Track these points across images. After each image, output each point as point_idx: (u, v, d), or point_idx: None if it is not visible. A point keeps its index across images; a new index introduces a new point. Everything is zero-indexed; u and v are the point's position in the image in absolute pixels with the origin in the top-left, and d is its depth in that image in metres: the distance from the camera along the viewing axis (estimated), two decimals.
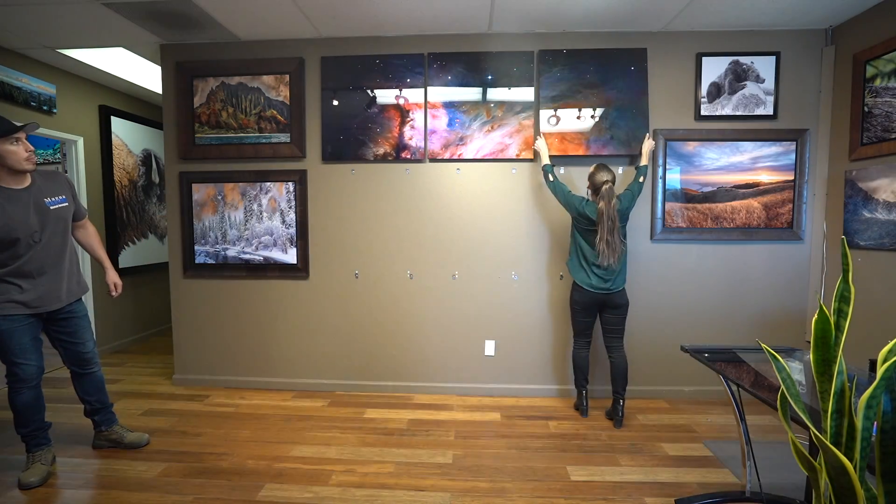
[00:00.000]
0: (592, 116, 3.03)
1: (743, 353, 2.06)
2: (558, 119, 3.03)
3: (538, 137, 2.94)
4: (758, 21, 2.85)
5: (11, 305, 2.06)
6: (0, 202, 1.96)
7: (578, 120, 3.03)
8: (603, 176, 2.61)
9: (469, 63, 3.05)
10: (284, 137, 3.16)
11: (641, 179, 2.72)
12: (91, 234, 2.44)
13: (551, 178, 2.76)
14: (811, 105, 2.99)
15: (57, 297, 2.18)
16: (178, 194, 3.27)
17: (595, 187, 2.64)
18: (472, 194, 3.12)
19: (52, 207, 2.12)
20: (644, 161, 2.79)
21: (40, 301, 2.13)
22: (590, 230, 2.64)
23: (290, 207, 3.20)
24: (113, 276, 2.43)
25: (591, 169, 2.70)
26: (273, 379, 3.32)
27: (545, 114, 3.02)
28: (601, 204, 2.56)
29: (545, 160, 2.82)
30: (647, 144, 2.82)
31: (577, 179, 3.06)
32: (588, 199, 2.71)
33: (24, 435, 2.19)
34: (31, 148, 2.04)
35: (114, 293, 2.43)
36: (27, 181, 2.08)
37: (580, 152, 3.04)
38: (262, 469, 2.27)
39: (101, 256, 2.44)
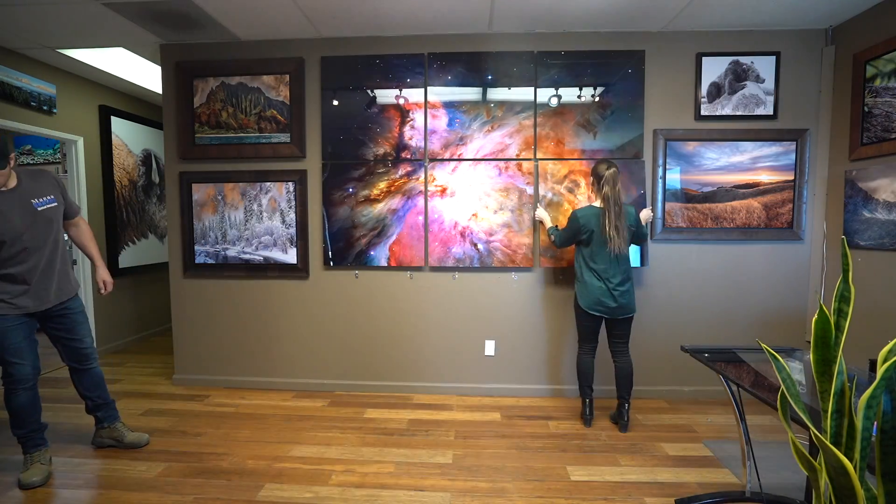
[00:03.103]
0: (589, 119, 3.03)
1: (743, 353, 2.06)
2: (555, 121, 3.04)
3: (538, 206, 2.99)
4: (758, 21, 2.85)
5: (2, 306, 2.06)
6: None
7: (576, 121, 3.04)
8: (606, 165, 2.58)
9: (469, 63, 3.05)
10: (284, 137, 3.16)
11: (644, 232, 2.76)
12: (83, 231, 2.42)
13: (553, 239, 2.74)
14: (811, 105, 2.99)
15: (46, 297, 2.17)
16: (178, 194, 3.27)
17: (598, 175, 2.58)
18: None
19: (39, 209, 2.11)
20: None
21: (30, 302, 2.12)
22: (591, 237, 2.58)
23: (290, 207, 3.20)
24: (103, 274, 2.41)
25: (594, 164, 2.68)
26: (273, 379, 3.32)
27: (543, 117, 3.02)
28: (606, 188, 2.53)
29: (549, 225, 2.82)
30: (645, 213, 2.82)
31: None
32: (578, 210, 2.64)
33: (21, 436, 2.18)
34: (11, 164, 2.02)
35: (102, 291, 2.41)
36: (13, 182, 2.07)
37: (575, 155, 3.05)
38: (262, 469, 2.27)
39: (92, 254, 2.43)
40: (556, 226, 2.82)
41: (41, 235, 2.13)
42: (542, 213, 2.92)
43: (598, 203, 2.60)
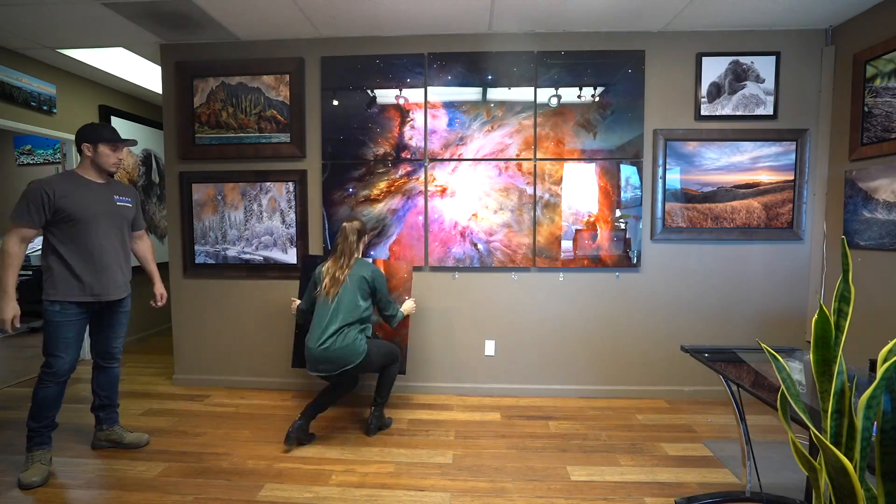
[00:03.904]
0: (589, 119, 3.03)
1: (743, 353, 2.06)
2: (555, 121, 3.04)
3: (407, 299, 2.81)
4: (758, 21, 2.85)
5: (70, 290, 2.17)
6: (77, 187, 2.21)
7: (576, 121, 3.04)
8: (346, 222, 2.56)
9: (469, 63, 3.05)
10: (284, 137, 3.16)
11: (393, 310, 2.59)
12: (147, 246, 2.62)
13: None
14: (811, 105, 2.99)
15: (116, 286, 2.32)
16: (178, 194, 3.27)
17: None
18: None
19: (118, 203, 2.35)
20: (403, 309, 2.68)
21: (101, 289, 2.25)
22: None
23: (290, 207, 3.20)
24: (160, 288, 2.61)
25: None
26: (273, 379, 3.32)
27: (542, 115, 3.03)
28: (339, 238, 2.54)
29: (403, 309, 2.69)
30: (409, 305, 2.73)
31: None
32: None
33: (33, 429, 2.19)
34: (122, 158, 2.37)
35: (158, 303, 2.61)
36: (103, 179, 2.33)
37: (575, 155, 3.05)
38: (262, 469, 2.27)
39: (152, 269, 2.62)
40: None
41: (114, 224, 2.31)
42: (409, 304, 2.76)
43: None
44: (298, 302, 2.71)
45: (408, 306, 2.75)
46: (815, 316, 1.11)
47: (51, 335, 2.17)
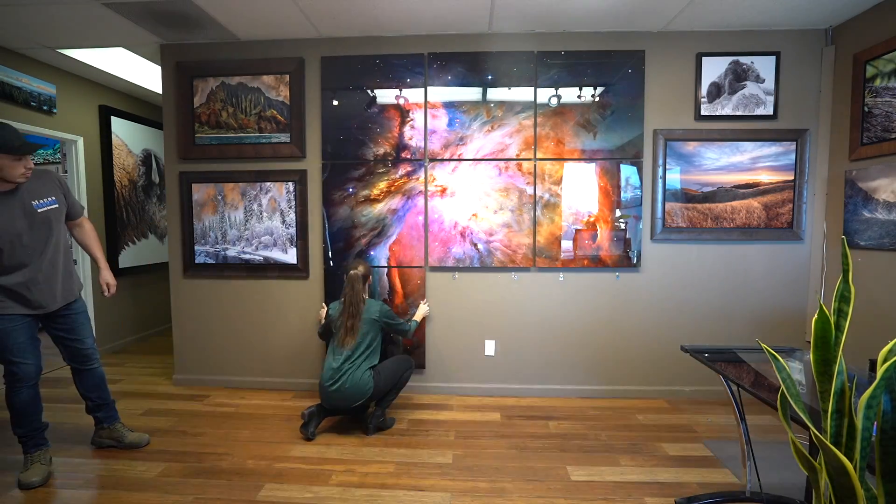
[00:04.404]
0: (589, 119, 3.03)
1: (743, 353, 2.06)
2: (555, 121, 3.04)
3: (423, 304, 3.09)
4: (758, 21, 2.85)
5: (9, 305, 2.07)
6: None
7: (576, 121, 3.04)
8: (351, 266, 2.70)
9: (469, 63, 3.05)
10: (284, 137, 3.16)
11: (405, 328, 2.81)
12: (87, 232, 2.41)
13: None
14: (811, 105, 2.99)
15: (52, 297, 2.18)
16: (178, 194, 3.27)
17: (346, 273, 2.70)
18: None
19: (39, 210, 2.10)
20: (416, 318, 2.95)
21: (37, 302, 2.13)
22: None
23: (290, 207, 3.20)
24: (106, 276, 2.40)
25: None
26: (273, 379, 3.32)
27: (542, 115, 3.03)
28: (346, 289, 2.65)
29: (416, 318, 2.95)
30: (423, 310, 3.03)
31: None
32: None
33: (21, 436, 2.18)
34: (31, 165, 2.04)
35: (106, 293, 2.40)
36: (12, 186, 2.04)
37: (575, 155, 3.05)
38: (262, 469, 2.27)
39: (96, 256, 2.42)
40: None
41: (41, 237, 2.12)
42: (423, 309, 3.05)
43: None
44: (326, 310, 2.91)
45: (421, 312, 3.02)
46: (815, 316, 1.11)
47: (2, 343, 2.06)
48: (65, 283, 2.24)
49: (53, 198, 2.17)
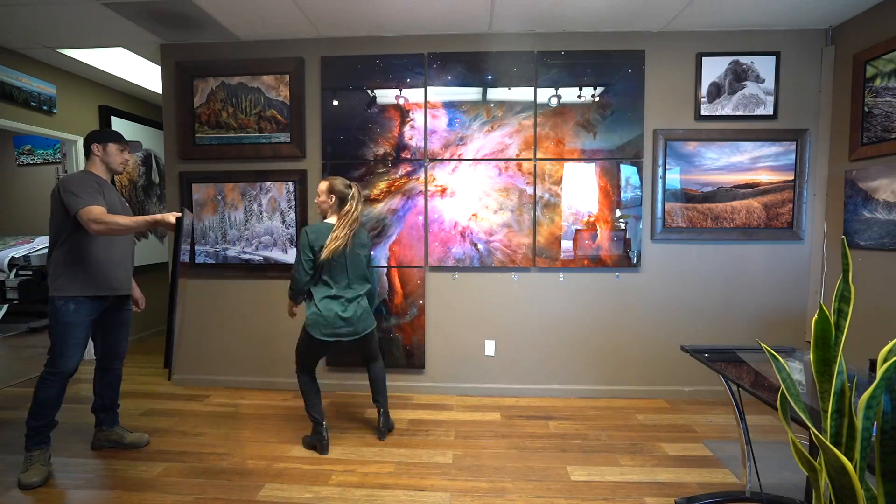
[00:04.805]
0: (589, 119, 3.03)
1: (743, 353, 2.05)
2: (555, 121, 3.04)
3: None
4: (758, 21, 2.85)
5: (90, 286, 2.19)
6: (99, 183, 2.26)
7: (576, 121, 3.04)
8: (338, 184, 2.40)
9: (469, 63, 3.05)
10: (284, 137, 3.16)
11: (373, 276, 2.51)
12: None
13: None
14: (811, 105, 2.99)
15: (128, 280, 2.38)
16: (178, 194, 3.27)
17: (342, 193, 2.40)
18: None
19: (125, 204, 2.42)
20: None
21: (118, 281, 2.30)
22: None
23: (290, 207, 3.20)
24: (138, 292, 2.55)
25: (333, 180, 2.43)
26: (273, 379, 3.32)
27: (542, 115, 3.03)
28: (355, 199, 2.38)
29: None
30: None
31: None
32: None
33: (33, 428, 2.18)
34: (128, 158, 2.47)
35: (138, 308, 2.54)
36: (110, 181, 2.39)
37: (575, 155, 3.05)
38: (262, 469, 2.27)
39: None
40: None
41: None
42: None
43: (332, 219, 2.39)
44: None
45: None
46: (815, 316, 1.11)
47: (61, 335, 2.16)
48: (131, 273, 2.42)
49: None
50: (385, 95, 3.10)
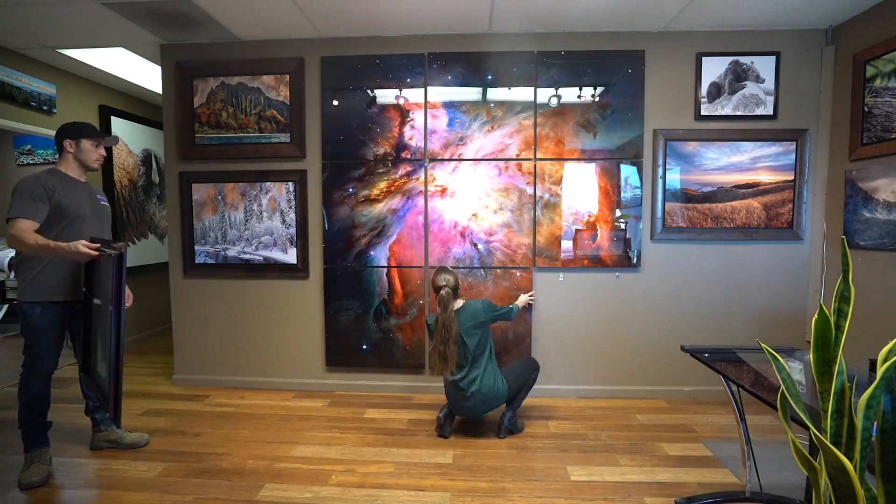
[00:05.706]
0: (589, 119, 3.03)
1: (743, 353, 2.05)
2: (555, 121, 3.04)
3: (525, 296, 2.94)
4: (758, 21, 2.85)
5: (61, 291, 2.15)
6: (65, 183, 2.18)
7: (576, 121, 3.04)
8: (439, 280, 2.49)
9: (469, 63, 3.05)
10: (284, 137, 3.16)
11: (510, 315, 2.63)
12: None
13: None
14: (811, 105, 2.99)
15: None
16: (178, 194, 3.27)
17: (435, 288, 2.51)
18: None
19: (100, 203, 2.36)
20: (519, 303, 2.78)
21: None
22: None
23: (290, 207, 3.20)
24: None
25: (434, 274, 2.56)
26: (273, 379, 3.32)
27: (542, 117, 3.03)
28: (438, 310, 2.46)
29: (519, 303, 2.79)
30: (523, 298, 2.89)
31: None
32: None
33: (26, 431, 2.18)
34: (104, 154, 2.34)
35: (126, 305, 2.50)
36: (84, 178, 2.31)
37: (575, 155, 3.05)
38: (262, 469, 2.27)
39: None
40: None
41: (99, 226, 2.31)
42: (523, 298, 2.91)
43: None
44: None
45: (522, 300, 2.88)
46: (815, 316, 1.11)
47: (34, 338, 2.14)
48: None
49: (105, 199, 2.42)
50: (385, 95, 3.10)
